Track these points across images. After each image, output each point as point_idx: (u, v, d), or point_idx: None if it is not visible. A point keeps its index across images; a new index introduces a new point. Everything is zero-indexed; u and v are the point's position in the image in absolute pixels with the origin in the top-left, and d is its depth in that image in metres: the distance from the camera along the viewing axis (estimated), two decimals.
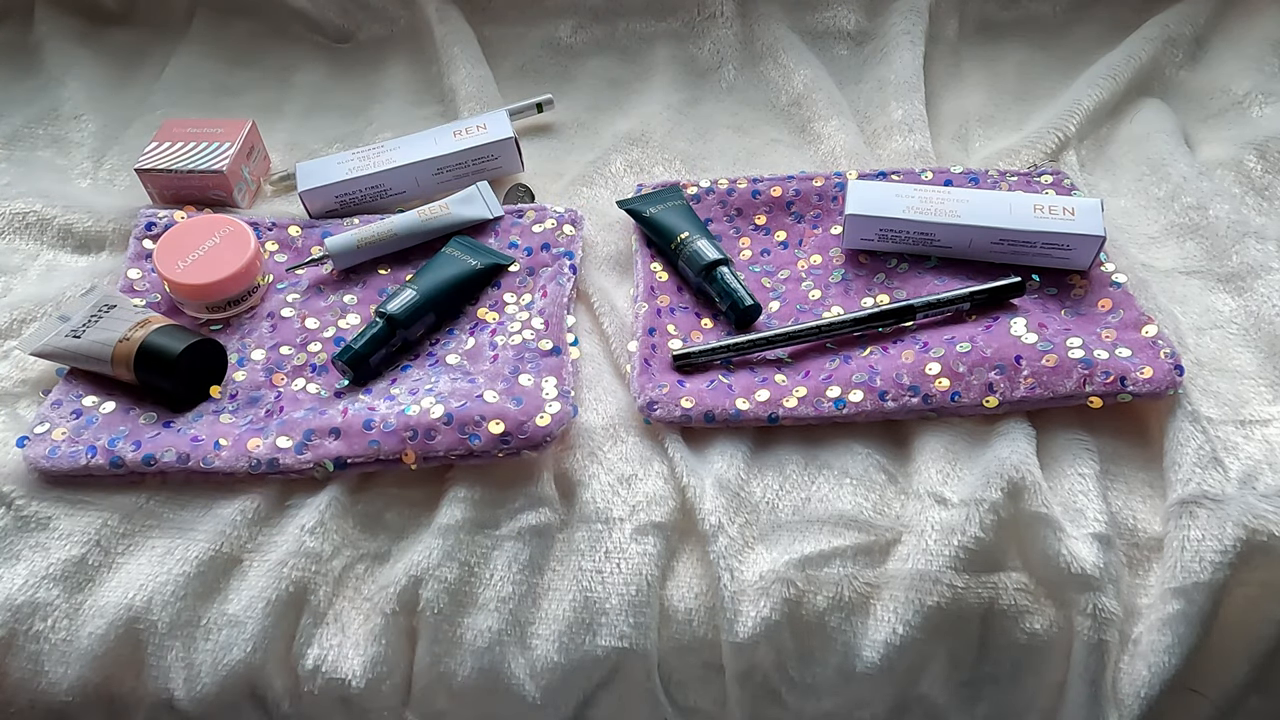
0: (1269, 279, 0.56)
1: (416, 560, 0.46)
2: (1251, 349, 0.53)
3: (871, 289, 0.57)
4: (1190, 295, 0.57)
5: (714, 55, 0.80)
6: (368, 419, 0.49)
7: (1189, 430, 0.48)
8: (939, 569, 0.44)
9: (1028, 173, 0.65)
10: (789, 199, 0.64)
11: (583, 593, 0.45)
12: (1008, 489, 0.45)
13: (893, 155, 0.68)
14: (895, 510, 0.47)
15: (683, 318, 0.57)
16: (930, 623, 0.44)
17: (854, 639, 0.45)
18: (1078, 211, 0.56)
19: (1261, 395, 0.51)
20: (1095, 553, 0.44)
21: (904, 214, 0.57)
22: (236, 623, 0.45)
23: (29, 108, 0.77)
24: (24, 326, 0.58)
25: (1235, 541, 0.44)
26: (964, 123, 0.73)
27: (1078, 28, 0.81)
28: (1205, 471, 0.46)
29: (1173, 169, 0.64)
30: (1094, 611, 0.43)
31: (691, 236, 0.58)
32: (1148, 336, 0.51)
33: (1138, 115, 0.70)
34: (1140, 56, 0.73)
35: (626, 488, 0.49)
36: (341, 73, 0.82)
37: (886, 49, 0.77)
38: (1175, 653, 0.43)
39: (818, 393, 0.51)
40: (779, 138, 0.73)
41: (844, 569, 0.45)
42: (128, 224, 0.64)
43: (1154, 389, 0.48)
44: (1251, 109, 0.70)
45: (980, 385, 0.49)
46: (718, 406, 0.50)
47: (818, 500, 0.48)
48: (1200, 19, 0.76)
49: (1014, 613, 0.45)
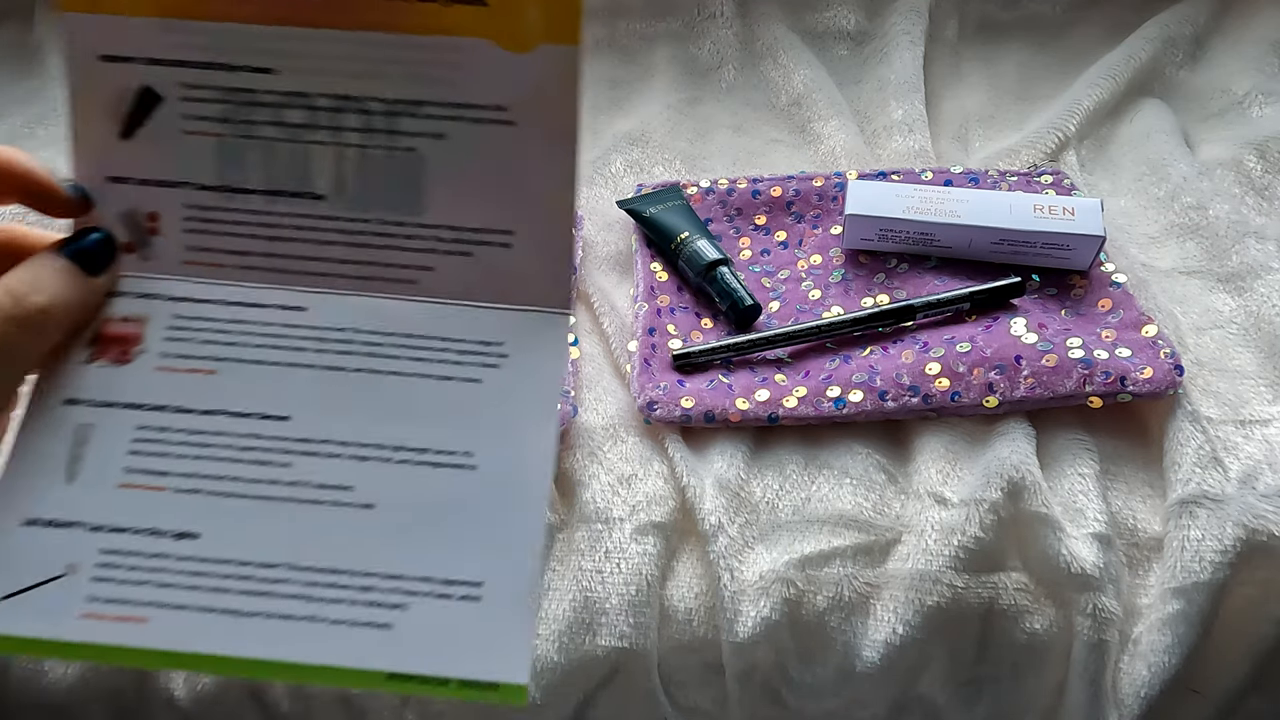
0: (1269, 279, 0.56)
1: None
2: (1251, 349, 0.53)
3: (871, 289, 0.57)
4: (1190, 295, 0.57)
5: (714, 55, 0.80)
6: None
7: (1189, 430, 0.48)
8: (939, 569, 0.44)
9: (1028, 173, 0.65)
10: (789, 199, 0.64)
11: (582, 593, 0.45)
12: (1008, 489, 0.45)
13: (893, 155, 0.68)
14: (895, 510, 0.47)
15: (683, 318, 0.57)
16: (930, 623, 0.44)
17: (854, 639, 0.45)
18: (1078, 211, 0.56)
19: (1261, 395, 0.51)
20: (1095, 553, 0.44)
21: (904, 214, 0.57)
22: None
23: (29, 108, 0.77)
24: None
25: (1235, 541, 0.44)
26: (964, 123, 0.73)
27: (1078, 28, 0.81)
28: (1205, 471, 0.46)
29: (1173, 169, 0.64)
30: (1094, 611, 0.43)
31: (691, 236, 0.59)
32: (1148, 336, 0.51)
33: (1138, 115, 0.70)
34: (1140, 56, 0.73)
35: (626, 488, 0.49)
36: None
37: (886, 49, 0.77)
38: (1175, 653, 0.43)
39: (818, 393, 0.51)
40: (779, 138, 0.73)
41: (844, 569, 0.45)
42: None
43: (1154, 389, 0.48)
44: (1251, 109, 0.70)
45: (980, 385, 0.50)
46: (718, 406, 0.50)
47: (818, 500, 0.48)
48: (1200, 19, 0.76)
49: (1014, 613, 0.45)
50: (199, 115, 0.32)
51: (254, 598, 0.30)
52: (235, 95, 0.32)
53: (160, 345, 0.33)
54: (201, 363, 0.33)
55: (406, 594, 0.30)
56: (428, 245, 0.33)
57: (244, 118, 0.32)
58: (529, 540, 0.31)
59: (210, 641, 0.30)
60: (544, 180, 0.32)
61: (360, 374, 0.33)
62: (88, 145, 0.32)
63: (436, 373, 0.33)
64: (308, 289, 0.34)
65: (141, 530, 0.31)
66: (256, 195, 0.33)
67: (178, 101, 0.32)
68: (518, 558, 0.31)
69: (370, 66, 0.32)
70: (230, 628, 0.30)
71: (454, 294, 0.34)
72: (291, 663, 0.30)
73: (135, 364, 0.32)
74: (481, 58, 0.31)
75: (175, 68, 0.32)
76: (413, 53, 0.31)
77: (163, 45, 0.31)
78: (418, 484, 0.31)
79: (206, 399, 0.32)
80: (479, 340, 0.33)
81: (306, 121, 0.32)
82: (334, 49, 0.31)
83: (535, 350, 0.33)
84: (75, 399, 0.32)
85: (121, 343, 0.33)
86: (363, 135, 0.32)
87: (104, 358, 0.32)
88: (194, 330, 0.33)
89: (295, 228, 0.33)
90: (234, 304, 0.33)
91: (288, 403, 0.32)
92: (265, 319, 0.33)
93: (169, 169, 0.33)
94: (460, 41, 0.31)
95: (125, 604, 0.30)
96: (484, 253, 0.33)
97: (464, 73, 0.31)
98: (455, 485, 0.31)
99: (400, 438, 0.32)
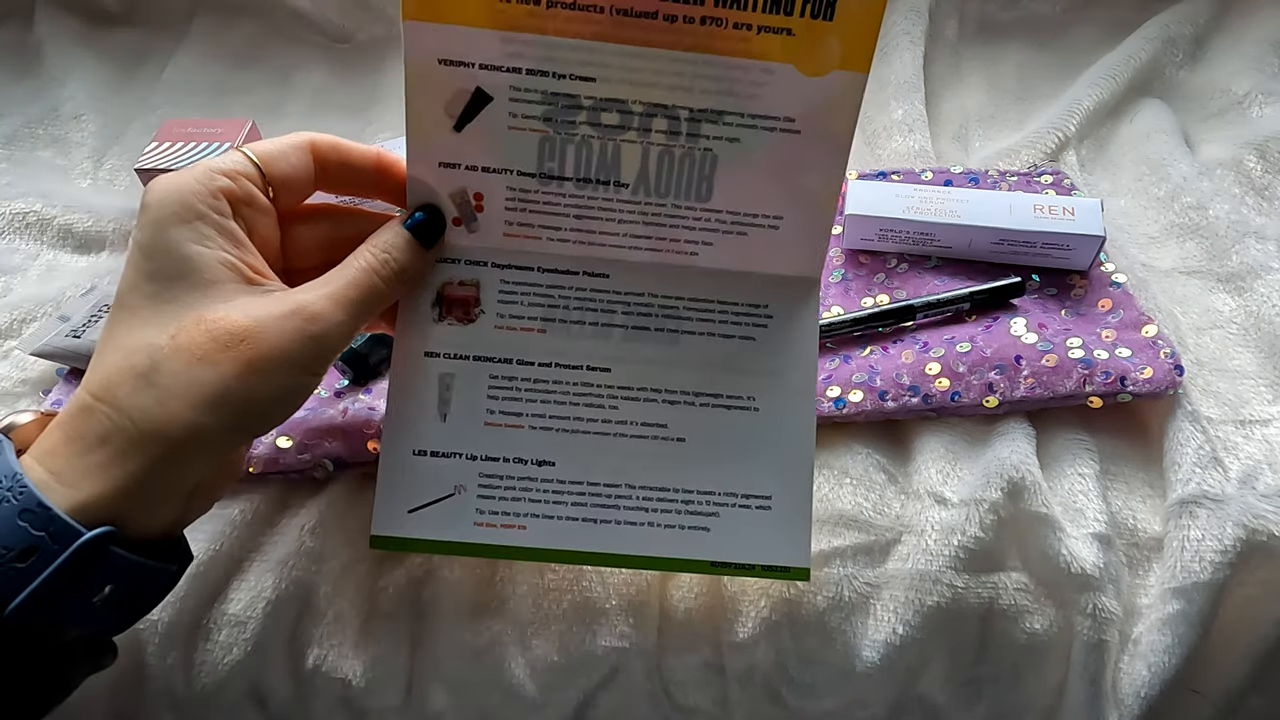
0: (1269, 279, 0.56)
1: (417, 560, 0.46)
2: (1251, 349, 0.53)
3: (871, 289, 0.57)
4: (1190, 295, 0.57)
5: None
6: (368, 419, 0.49)
7: (1189, 430, 0.48)
8: (939, 569, 0.44)
9: (1028, 173, 0.65)
10: None
11: (582, 593, 0.45)
12: (1008, 489, 0.45)
13: (893, 155, 0.68)
14: (895, 510, 0.47)
15: None
16: (930, 623, 0.44)
17: (854, 639, 0.45)
18: (1078, 211, 0.56)
19: (1261, 395, 0.51)
20: (1095, 553, 0.44)
21: (904, 214, 0.57)
22: (237, 623, 0.45)
23: (29, 108, 0.77)
24: (24, 326, 0.58)
25: (1235, 541, 0.44)
26: (964, 123, 0.73)
27: (1078, 28, 0.81)
28: (1205, 471, 0.46)
29: (1173, 169, 0.64)
30: (1094, 611, 0.43)
31: None
32: (1148, 336, 0.51)
33: (1138, 115, 0.70)
34: (1140, 56, 0.73)
35: None
36: (341, 73, 0.82)
37: (886, 49, 0.77)
38: (1175, 653, 0.43)
39: (818, 393, 0.51)
40: None
41: (844, 569, 0.45)
42: (128, 224, 0.64)
43: (1154, 389, 0.48)
44: (1251, 109, 0.70)
45: (980, 385, 0.50)
46: None
47: (818, 500, 0.48)
48: (1200, 19, 0.76)
49: (1014, 613, 0.45)
50: (524, 114, 0.37)
51: (604, 509, 0.39)
52: (558, 99, 0.36)
53: (495, 308, 0.40)
54: (532, 323, 0.40)
55: (718, 505, 0.40)
56: (710, 225, 0.39)
57: (565, 118, 0.37)
58: (802, 464, 0.40)
59: (577, 541, 0.40)
60: (816, 178, 0.38)
61: (660, 333, 0.40)
62: (423, 135, 0.37)
63: (720, 331, 0.40)
64: (610, 258, 0.40)
65: (509, 459, 0.39)
66: (570, 182, 0.38)
67: (506, 101, 0.36)
68: (795, 478, 0.40)
69: (683, 81, 0.36)
70: (590, 531, 0.39)
71: (728, 264, 0.40)
72: (640, 554, 0.40)
73: (479, 324, 0.40)
74: (782, 79, 0.36)
75: (507, 73, 0.36)
76: (722, 71, 0.36)
77: (498, 53, 0.35)
78: (716, 423, 0.40)
79: (542, 352, 0.39)
80: (749, 303, 0.40)
81: (620, 124, 0.37)
82: (652, 64, 0.36)
83: (794, 309, 0.40)
84: (434, 352, 0.39)
85: (463, 304, 0.40)
86: (668, 137, 0.37)
87: (450, 317, 0.40)
88: (521, 295, 0.40)
89: (600, 208, 0.39)
90: (549, 271, 0.40)
91: (606, 356, 0.40)
92: (577, 285, 0.40)
93: (494, 158, 0.38)
94: (766, 65, 0.35)
95: (507, 515, 0.39)
96: (756, 233, 0.39)
97: (765, 90, 0.36)
98: (744, 423, 0.40)
99: (698, 385, 0.40)
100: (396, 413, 0.39)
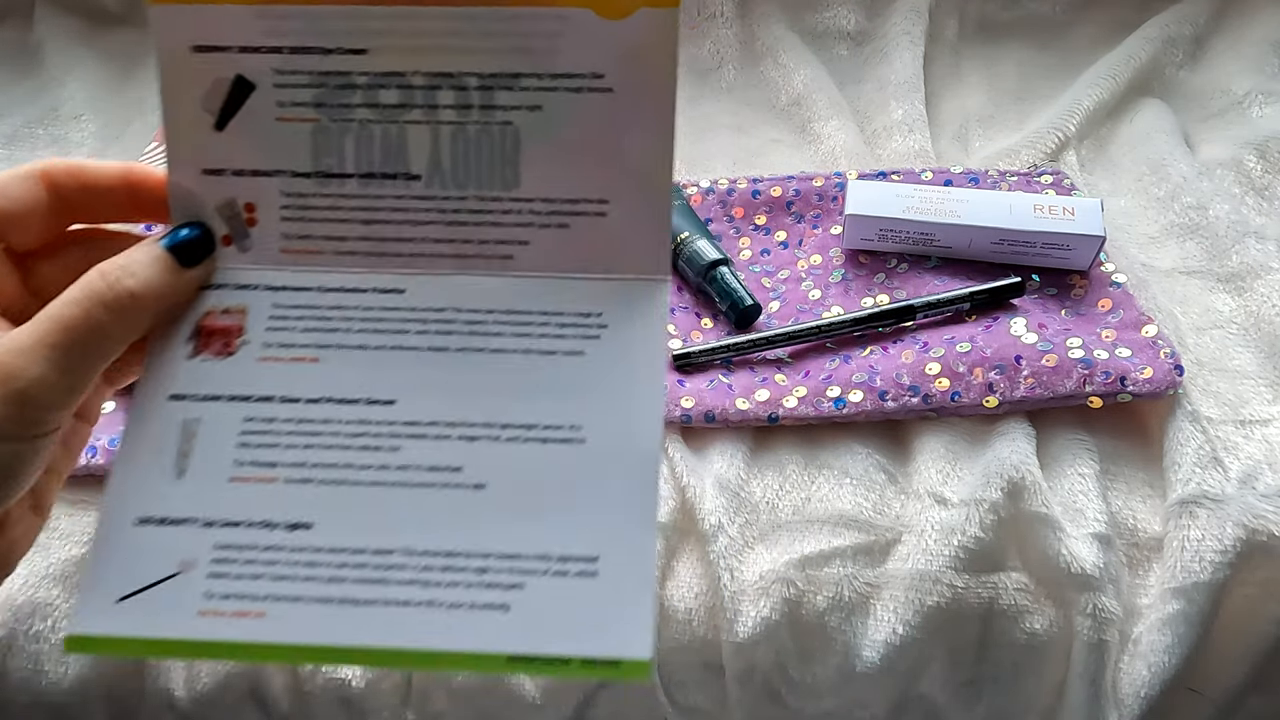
0: (1269, 279, 0.56)
1: None
2: (1251, 349, 0.53)
3: (871, 289, 0.57)
4: (1190, 295, 0.57)
5: (714, 55, 0.80)
6: None
7: (1189, 430, 0.48)
8: (939, 569, 0.44)
9: (1028, 173, 0.65)
10: (789, 199, 0.64)
11: None
12: (1008, 489, 0.45)
13: (893, 155, 0.69)
14: (895, 510, 0.47)
15: (683, 318, 0.57)
16: (930, 623, 0.44)
17: (854, 639, 0.45)
18: (1078, 211, 0.56)
19: (1261, 395, 0.51)
20: (1095, 553, 0.44)
21: (904, 214, 0.57)
22: None
23: (29, 108, 0.77)
24: None
25: (1235, 541, 0.44)
26: (964, 123, 0.73)
27: (1078, 28, 0.81)
28: (1205, 471, 0.46)
29: (1173, 169, 0.64)
30: (1094, 611, 0.43)
31: (691, 236, 0.59)
32: (1148, 336, 0.51)
33: (1138, 115, 0.70)
34: (1140, 56, 0.73)
35: None
36: None
37: (886, 49, 0.77)
38: (1175, 653, 0.43)
39: (818, 393, 0.51)
40: (779, 138, 0.73)
41: (844, 569, 0.45)
42: None
43: (1154, 389, 0.48)
44: (1251, 109, 0.70)
45: (980, 385, 0.50)
46: (718, 406, 0.50)
47: (818, 500, 0.48)
48: (1200, 19, 0.76)
49: (1014, 613, 0.45)
50: (292, 101, 0.32)
51: (370, 585, 0.30)
52: (328, 79, 0.32)
53: (262, 336, 0.33)
54: (305, 351, 0.33)
55: (522, 573, 0.30)
56: (523, 219, 0.33)
57: (337, 101, 0.32)
58: (643, 512, 0.30)
59: (329, 633, 0.30)
60: (641, 146, 0.32)
61: (463, 353, 0.32)
62: (183, 139, 0.32)
63: (539, 347, 0.32)
64: (405, 271, 0.33)
65: (254, 523, 0.31)
66: (352, 179, 0.33)
67: (270, 88, 0.32)
68: (632, 530, 0.30)
69: (466, 42, 0.31)
70: (348, 618, 0.30)
71: (551, 267, 0.33)
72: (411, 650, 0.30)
73: (238, 356, 0.32)
74: (580, 26, 0.31)
75: (268, 54, 0.31)
76: (510, 25, 0.31)
77: (255, 32, 0.31)
78: (527, 461, 0.31)
79: (312, 387, 0.32)
80: (578, 312, 0.33)
81: (401, 101, 0.32)
82: (429, 25, 0.31)
83: (635, 318, 0.33)
84: (180, 394, 0.32)
85: (224, 335, 0.33)
86: (458, 112, 0.32)
87: (207, 351, 0.32)
88: (295, 319, 0.33)
89: (391, 209, 0.33)
90: (332, 290, 0.33)
91: (393, 386, 0.32)
92: (365, 303, 0.33)
93: (264, 158, 0.33)
94: (559, 11, 0.31)
95: (242, 599, 0.30)
96: (580, 223, 0.33)
97: (562, 42, 0.31)
98: (565, 460, 0.31)
99: (507, 415, 0.31)
100: (123, 473, 0.32)
